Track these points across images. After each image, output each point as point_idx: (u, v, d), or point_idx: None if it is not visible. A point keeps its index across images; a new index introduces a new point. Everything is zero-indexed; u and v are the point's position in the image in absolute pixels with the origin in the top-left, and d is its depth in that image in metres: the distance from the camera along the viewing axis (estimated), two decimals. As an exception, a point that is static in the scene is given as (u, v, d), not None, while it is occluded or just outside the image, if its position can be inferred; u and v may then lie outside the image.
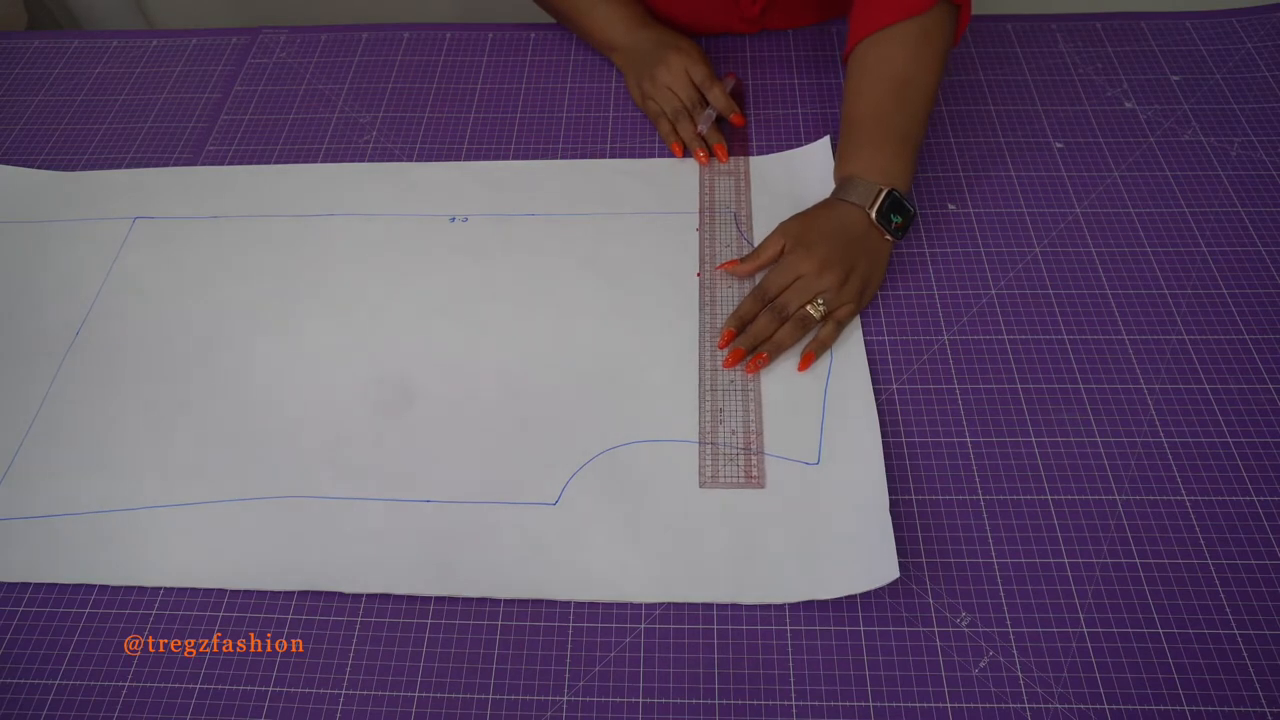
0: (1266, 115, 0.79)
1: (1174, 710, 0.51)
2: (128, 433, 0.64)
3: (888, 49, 0.71)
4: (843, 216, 0.68)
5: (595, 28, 0.84)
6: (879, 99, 0.70)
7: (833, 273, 0.65)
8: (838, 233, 0.67)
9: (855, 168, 0.69)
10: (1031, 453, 0.61)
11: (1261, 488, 0.59)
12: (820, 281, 0.65)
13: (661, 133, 0.79)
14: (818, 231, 0.67)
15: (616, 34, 0.83)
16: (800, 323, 0.65)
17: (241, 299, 0.71)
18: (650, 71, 0.80)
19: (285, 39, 0.93)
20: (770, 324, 0.65)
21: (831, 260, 0.65)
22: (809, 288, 0.65)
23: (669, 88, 0.79)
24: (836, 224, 0.67)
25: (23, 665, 0.55)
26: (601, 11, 0.83)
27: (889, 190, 0.67)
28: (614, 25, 0.83)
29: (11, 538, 0.60)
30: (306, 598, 0.57)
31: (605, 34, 0.83)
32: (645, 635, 0.55)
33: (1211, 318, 0.67)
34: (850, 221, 0.67)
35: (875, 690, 0.52)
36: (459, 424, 0.63)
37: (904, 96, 0.70)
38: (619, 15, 0.83)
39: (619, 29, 0.83)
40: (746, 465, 0.60)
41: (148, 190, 0.79)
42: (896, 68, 0.70)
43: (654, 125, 0.81)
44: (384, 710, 0.53)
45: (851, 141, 0.71)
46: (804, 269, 0.66)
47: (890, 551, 0.55)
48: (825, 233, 0.67)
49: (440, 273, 0.72)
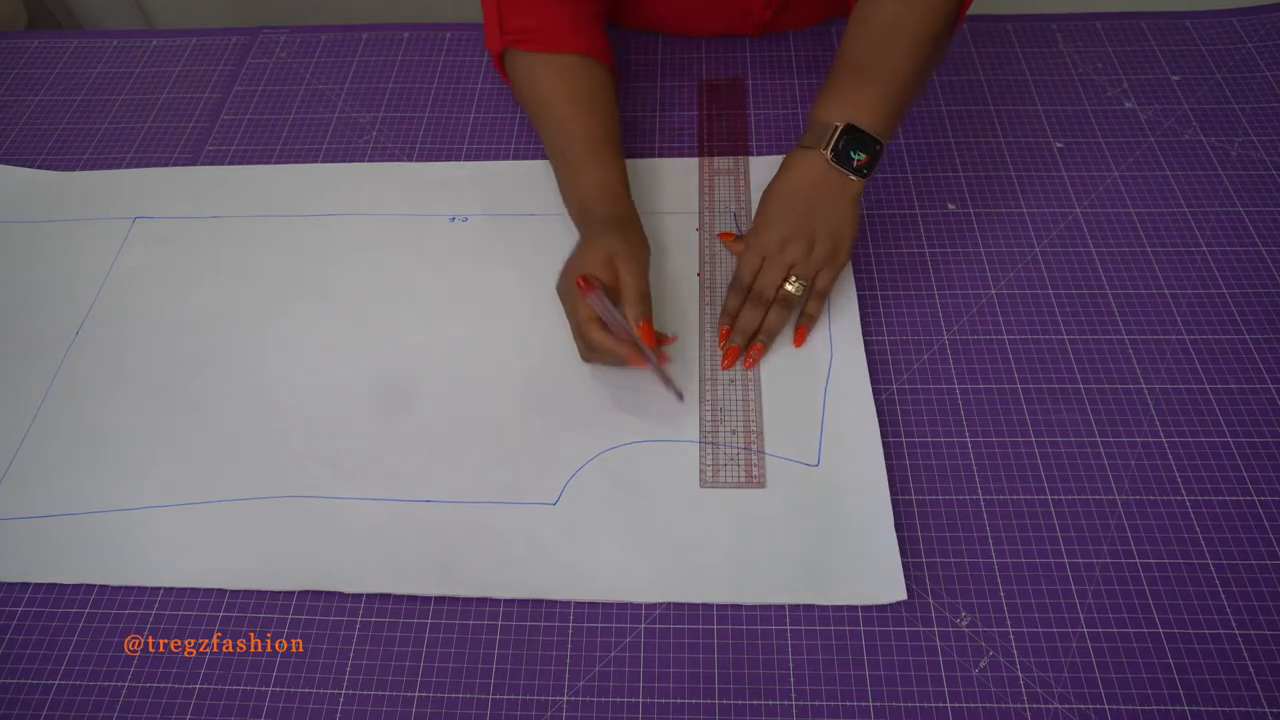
0: (1266, 115, 0.79)
1: (1174, 710, 0.51)
2: (128, 432, 0.64)
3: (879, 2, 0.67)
4: (797, 173, 0.64)
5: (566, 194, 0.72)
6: (859, 46, 0.67)
7: (795, 244, 0.63)
8: (792, 199, 0.64)
9: (819, 113, 0.65)
10: (1031, 453, 0.61)
11: (1262, 488, 0.59)
12: (785, 256, 0.63)
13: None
14: (772, 206, 0.64)
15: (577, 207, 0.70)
16: (784, 304, 0.63)
17: (241, 299, 0.71)
18: (642, 267, 0.64)
19: (285, 39, 0.93)
20: (755, 314, 0.64)
21: (789, 232, 0.63)
22: (778, 266, 0.63)
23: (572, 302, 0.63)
24: (790, 189, 0.64)
25: (23, 665, 0.55)
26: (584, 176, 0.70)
27: (844, 125, 0.62)
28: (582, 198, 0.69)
29: (11, 538, 0.60)
30: (306, 598, 0.57)
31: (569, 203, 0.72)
32: (645, 635, 0.55)
33: (1211, 318, 0.67)
34: (805, 175, 0.63)
35: (875, 690, 0.52)
36: (459, 424, 0.63)
37: (887, 42, 0.65)
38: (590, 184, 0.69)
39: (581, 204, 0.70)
40: (747, 465, 0.60)
41: (148, 190, 0.79)
42: (884, 18, 0.66)
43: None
44: (384, 710, 0.53)
45: (824, 89, 0.66)
46: (766, 248, 0.64)
47: (897, 570, 0.55)
48: (780, 205, 0.64)
49: (440, 273, 0.72)
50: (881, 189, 0.76)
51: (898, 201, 0.75)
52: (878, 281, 0.70)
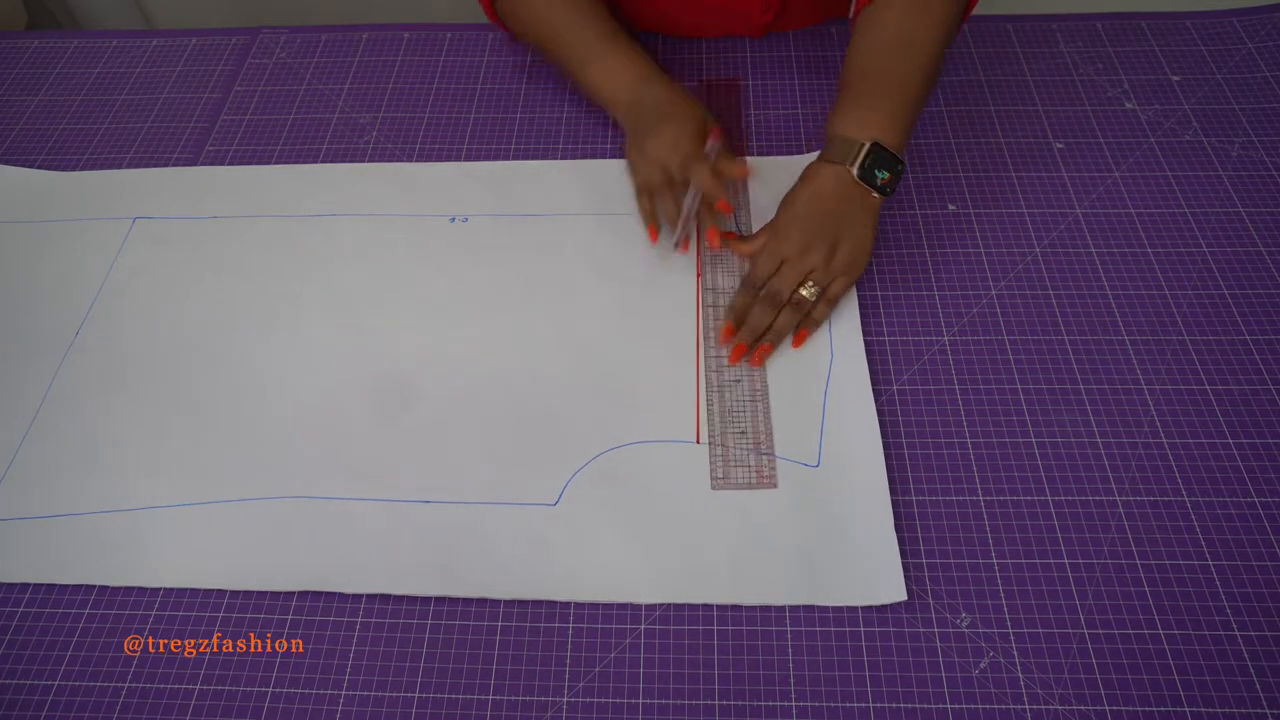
0: (1267, 115, 0.79)
1: (1174, 710, 0.51)
2: (128, 433, 0.64)
3: (886, 13, 0.69)
4: (823, 184, 0.65)
5: (594, 83, 0.76)
6: (871, 59, 0.68)
7: (817, 251, 0.64)
8: (818, 206, 0.65)
9: (841, 127, 0.67)
10: (1031, 453, 0.61)
11: (1262, 488, 0.59)
12: (806, 262, 0.64)
13: (640, 210, 0.72)
14: (797, 211, 0.66)
15: (621, 94, 0.74)
16: (796, 307, 0.65)
17: (241, 299, 0.71)
18: (640, 141, 0.71)
19: (285, 39, 0.93)
20: (766, 314, 0.65)
21: (813, 238, 0.64)
22: (797, 270, 0.64)
23: (656, 161, 0.69)
24: (816, 197, 0.65)
25: (23, 665, 0.55)
26: (598, 67, 0.75)
27: (872, 144, 0.65)
28: (614, 81, 0.74)
29: (11, 538, 0.60)
30: (306, 598, 0.57)
31: (611, 95, 0.75)
32: (645, 635, 0.55)
33: (1211, 318, 0.67)
34: (830, 187, 0.65)
35: (875, 690, 0.52)
36: (459, 424, 0.63)
37: (898, 56, 0.67)
38: (619, 70, 0.74)
39: (620, 86, 0.74)
40: (758, 466, 0.60)
41: (148, 190, 0.79)
42: (892, 29, 0.68)
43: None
44: (384, 710, 0.53)
45: (840, 102, 0.68)
46: (787, 252, 0.65)
47: (897, 571, 0.55)
48: (805, 211, 0.65)
49: (440, 273, 0.72)
50: (881, 189, 0.76)
51: (898, 201, 0.75)
52: (878, 281, 0.70)
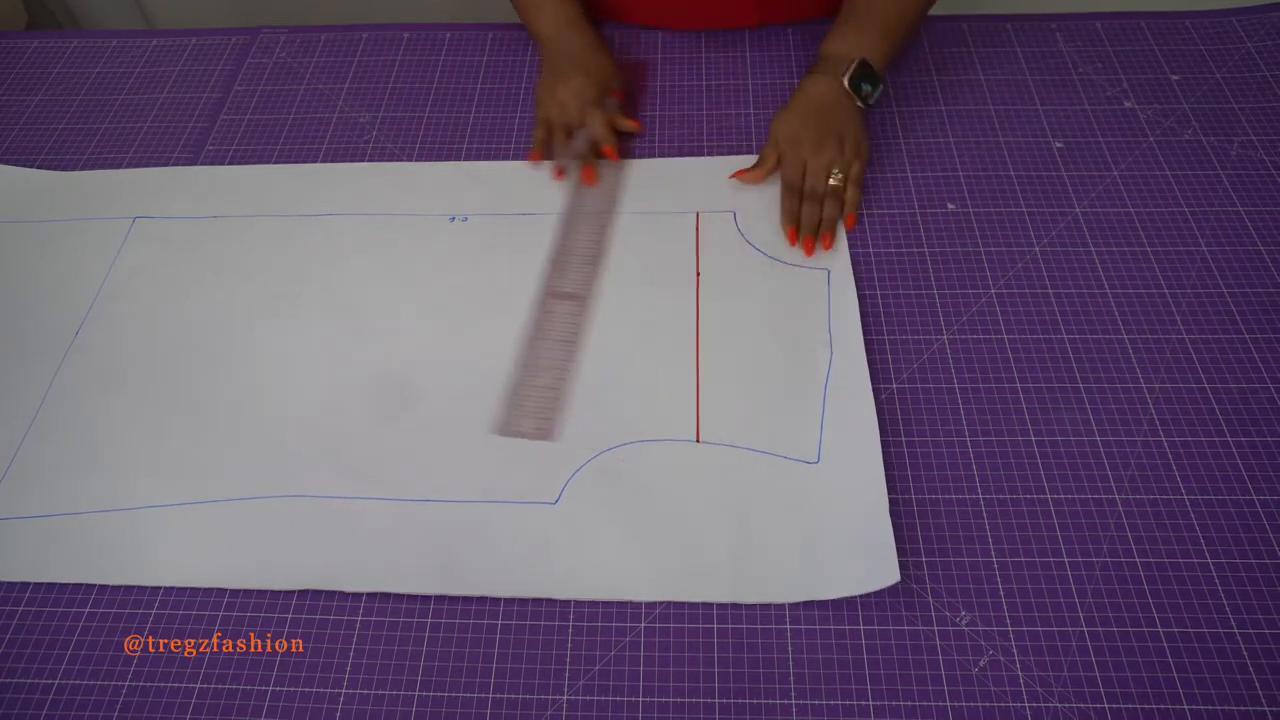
0: (1266, 115, 0.79)
1: (1174, 710, 0.51)
2: (128, 432, 0.64)
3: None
4: (817, 90, 0.76)
5: (531, 19, 0.85)
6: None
7: (828, 145, 0.74)
8: (815, 111, 0.75)
9: (833, 46, 0.77)
10: (1031, 453, 0.61)
11: (1261, 488, 0.59)
12: (824, 156, 0.74)
13: (534, 138, 0.80)
14: (799, 120, 0.75)
15: (546, 30, 0.84)
16: (834, 195, 0.73)
17: (241, 299, 0.71)
18: (552, 83, 0.80)
19: (285, 39, 0.93)
20: (815, 208, 0.73)
21: (822, 136, 0.74)
22: (821, 164, 0.73)
23: (561, 103, 0.79)
24: (813, 103, 0.75)
25: (23, 665, 0.55)
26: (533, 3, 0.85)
27: (861, 60, 0.75)
28: (546, 21, 0.84)
29: (11, 538, 0.60)
30: (306, 598, 0.57)
31: (536, 27, 0.84)
32: (645, 635, 0.55)
33: (1211, 318, 0.67)
34: (825, 92, 0.75)
35: (875, 690, 0.52)
36: (459, 423, 0.63)
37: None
38: (552, 12, 0.83)
39: (549, 25, 0.83)
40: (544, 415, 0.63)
41: (147, 190, 0.79)
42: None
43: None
44: (384, 710, 0.53)
45: (834, 28, 0.79)
46: (805, 154, 0.74)
47: (891, 554, 0.55)
48: (806, 117, 0.75)
49: (440, 273, 0.72)
50: (881, 189, 0.76)
51: (898, 201, 0.75)
52: (878, 281, 0.70)
